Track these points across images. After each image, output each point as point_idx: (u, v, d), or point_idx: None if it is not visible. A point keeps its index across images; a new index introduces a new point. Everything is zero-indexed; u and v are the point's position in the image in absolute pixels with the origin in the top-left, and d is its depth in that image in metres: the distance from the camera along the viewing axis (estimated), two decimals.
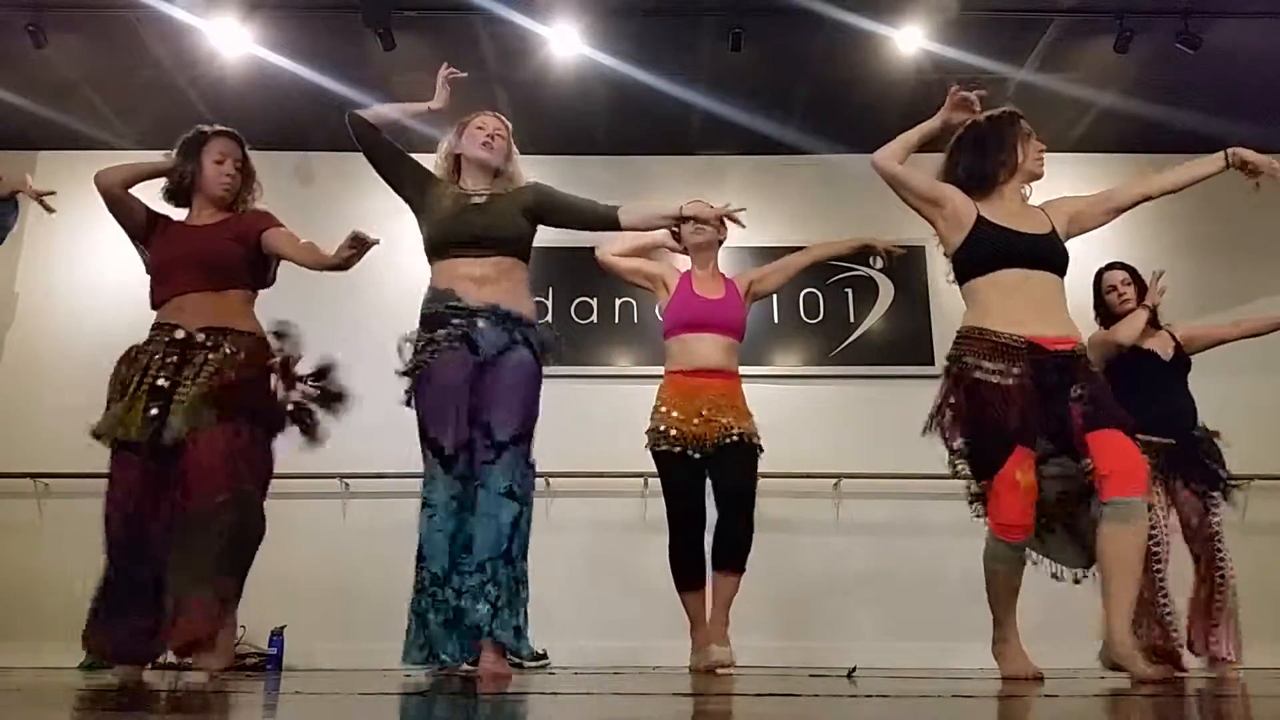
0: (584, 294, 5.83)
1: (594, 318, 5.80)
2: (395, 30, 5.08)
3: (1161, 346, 3.95)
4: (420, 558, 2.94)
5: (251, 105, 5.52)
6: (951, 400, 2.90)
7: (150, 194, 3.18)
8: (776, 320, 5.94)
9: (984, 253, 2.93)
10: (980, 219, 2.96)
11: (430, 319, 3.03)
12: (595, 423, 5.31)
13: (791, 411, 5.42)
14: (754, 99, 5.59)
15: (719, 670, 3.50)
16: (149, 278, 3.09)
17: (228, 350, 2.89)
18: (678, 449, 3.62)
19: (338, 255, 2.88)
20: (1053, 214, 3.01)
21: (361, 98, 5.40)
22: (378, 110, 3.20)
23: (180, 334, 2.92)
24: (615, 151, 6.04)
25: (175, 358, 2.88)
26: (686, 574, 3.66)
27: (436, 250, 3.11)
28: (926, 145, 3.18)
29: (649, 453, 3.72)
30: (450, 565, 2.90)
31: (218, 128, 3.19)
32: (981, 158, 3.05)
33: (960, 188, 3.04)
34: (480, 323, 2.97)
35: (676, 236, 3.90)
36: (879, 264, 5.74)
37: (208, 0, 4.95)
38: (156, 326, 2.99)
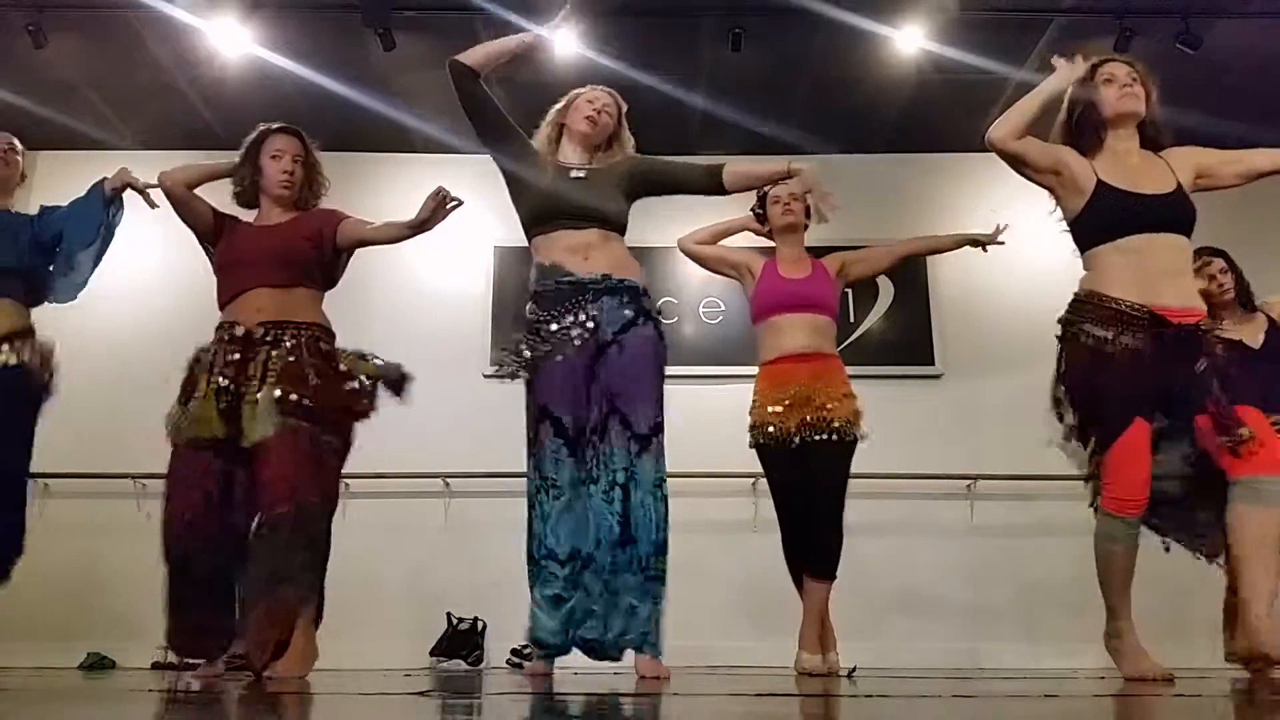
0: None
1: None
2: (395, 30, 5.08)
3: (1250, 334, 3.69)
4: (541, 538, 2.87)
5: (251, 105, 5.51)
6: (1065, 370, 2.82)
7: (221, 199, 3.18)
8: None
9: (1105, 219, 2.82)
10: (1100, 183, 2.84)
11: (546, 296, 2.99)
12: None
13: None
14: (754, 99, 5.59)
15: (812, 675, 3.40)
16: (215, 278, 3.07)
17: (288, 344, 2.87)
18: (772, 443, 3.58)
19: (419, 216, 2.88)
20: (1177, 165, 2.89)
21: (361, 98, 5.41)
22: (475, 52, 3.11)
23: (240, 330, 2.90)
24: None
25: (236, 355, 2.87)
26: (799, 570, 3.61)
27: (537, 221, 3.05)
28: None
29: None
30: (569, 549, 2.84)
31: (276, 125, 3.15)
32: (1074, 121, 2.95)
33: (1075, 149, 2.93)
34: (598, 298, 2.93)
35: (761, 219, 3.85)
36: None
37: (208, 0, 4.95)
38: (219, 325, 2.98)
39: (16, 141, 3.49)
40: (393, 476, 5.33)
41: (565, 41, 5.19)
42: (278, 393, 2.79)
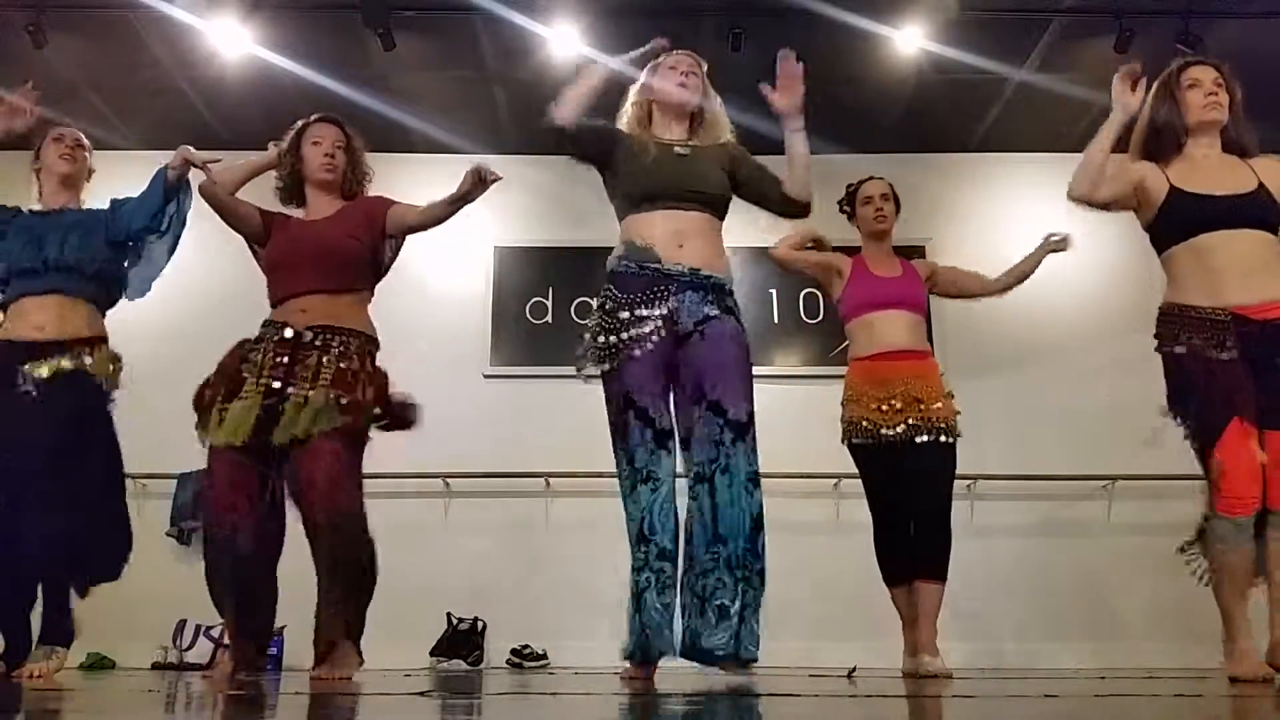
0: (584, 294, 5.82)
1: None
2: (395, 30, 5.08)
3: None
4: (643, 535, 2.68)
5: (251, 105, 5.52)
6: (1168, 384, 2.82)
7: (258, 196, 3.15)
8: (776, 320, 5.93)
9: (1178, 221, 2.83)
10: (1172, 189, 2.85)
11: (625, 278, 2.81)
12: (596, 423, 5.30)
13: (791, 411, 5.41)
14: (754, 99, 5.57)
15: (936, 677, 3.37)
16: (266, 277, 3.04)
17: (337, 349, 2.85)
18: (872, 441, 3.51)
19: (460, 190, 2.87)
20: (1264, 171, 2.88)
21: (362, 98, 5.40)
22: (564, 105, 2.95)
23: (289, 332, 2.87)
24: None
25: (285, 358, 2.84)
26: (893, 570, 3.57)
27: (635, 203, 2.88)
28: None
29: (844, 448, 3.60)
30: (675, 545, 2.68)
31: (315, 116, 3.14)
32: (1152, 127, 2.95)
33: (1151, 158, 2.94)
34: (680, 292, 2.78)
35: (849, 216, 3.81)
36: None
37: (208, 0, 4.95)
38: (267, 323, 2.95)
39: (84, 138, 3.43)
40: (393, 476, 5.33)
41: (565, 41, 5.19)
42: (329, 396, 2.76)
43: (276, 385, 2.79)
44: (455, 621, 5.23)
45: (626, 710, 1.80)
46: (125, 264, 3.29)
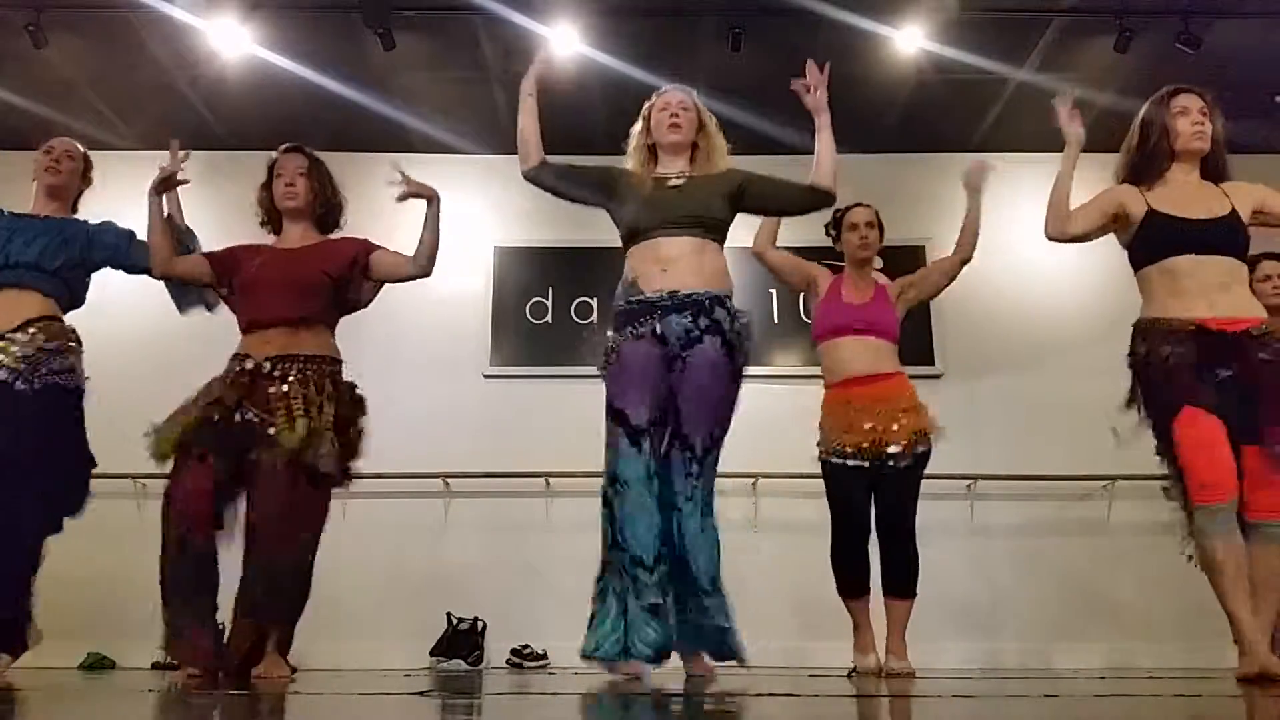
0: (584, 294, 5.83)
1: (594, 318, 5.80)
2: (395, 30, 5.08)
3: None
4: (616, 540, 2.78)
5: (251, 105, 5.51)
6: (1135, 390, 2.89)
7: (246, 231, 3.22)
8: (776, 320, 5.93)
9: (1153, 244, 2.91)
10: (1150, 212, 2.93)
11: (620, 314, 2.99)
12: (596, 423, 5.30)
13: (791, 411, 5.40)
14: (754, 99, 5.58)
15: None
16: (237, 301, 3.10)
17: (293, 379, 2.92)
18: (840, 460, 3.61)
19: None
20: (1236, 196, 2.95)
21: (361, 98, 5.41)
22: (525, 146, 3.20)
23: (250, 364, 2.94)
24: (615, 151, 5.94)
25: (244, 384, 2.92)
26: (850, 583, 3.65)
27: (632, 235, 3.04)
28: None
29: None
30: (654, 551, 2.74)
31: (282, 147, 3.23)
32: (1142, 150, 3.02)
33: (1135, 182, 3.01)
34: (664, 316, 2.88)
35: (835, 240, 3.88)
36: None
37: (208, 0, 4.95)
38: (233, 357, 3.02)
39: (78, 146, 3.45)
40: (393, 476, 5.34)
41: (565, 41, 5.19)
42: (274, 430, 2.84)
43: (228, 406, 2.87)
44: (455, 621, 5.23)
45: (626, 710, 1.80)
46: (88, 275, 3.35)
